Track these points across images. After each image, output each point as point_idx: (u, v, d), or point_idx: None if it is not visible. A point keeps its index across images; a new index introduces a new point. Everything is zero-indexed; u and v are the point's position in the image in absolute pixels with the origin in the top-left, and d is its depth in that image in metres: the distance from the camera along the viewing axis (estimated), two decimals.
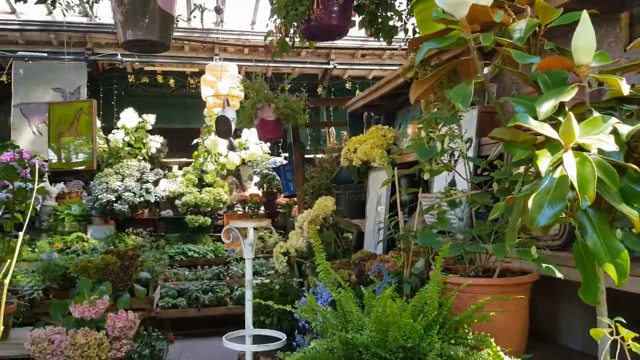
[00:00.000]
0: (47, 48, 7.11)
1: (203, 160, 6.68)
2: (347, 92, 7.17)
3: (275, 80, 4.83)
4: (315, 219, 2.85)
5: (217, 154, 6.59)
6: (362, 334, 1.40)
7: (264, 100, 3.46)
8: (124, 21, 2.15)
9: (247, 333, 2.02)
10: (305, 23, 2.14)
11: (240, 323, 4.71)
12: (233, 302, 5.09)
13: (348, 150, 2.98)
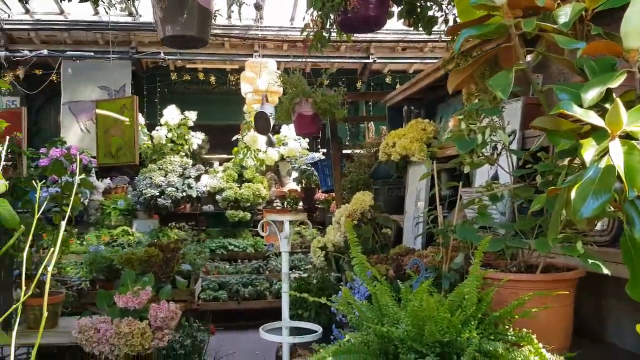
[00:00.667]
0: (93, 47, 7.38)
1: (243, 156, 6.77)
2: (387, 86, 7.09)
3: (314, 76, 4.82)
4: (352, 213, 2.83)
5: (256, 150, 6.67)
6: (397, 327, 1.38)
7: (301, 95, 3.47)
8: (163, 17, 2.20)
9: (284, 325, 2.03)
10: (341, 15, 2.12)
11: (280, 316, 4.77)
12: (272, 296, 5.15)
13: (387, 144, 2.94)
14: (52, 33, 7.18)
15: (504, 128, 1.80)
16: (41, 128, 8.00)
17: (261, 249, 5.93)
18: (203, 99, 8.22)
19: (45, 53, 7.25)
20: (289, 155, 6.48)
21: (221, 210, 6.43)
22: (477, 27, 1.24)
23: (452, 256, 1.91)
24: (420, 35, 6.43)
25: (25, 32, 7.22)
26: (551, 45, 1.28)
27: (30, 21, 7.17)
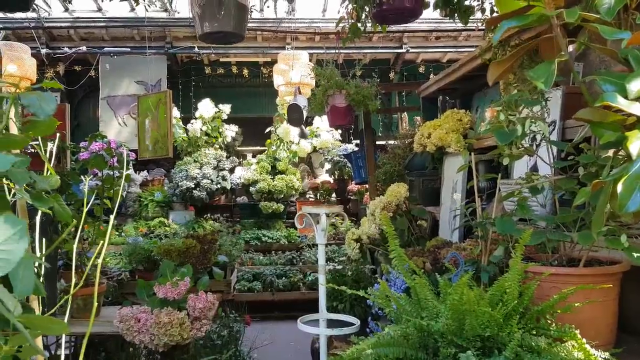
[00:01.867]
0: (130, 43, 7.54)
1: (276, 148, 6.82)
2: (421, 76, 7.00)
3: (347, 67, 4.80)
4: (387, 205, 2.82)
5: (289, 142, 6.70)
6: (437, 321, 1.38)
7: (335, 87, 3.46)
8: (201, 14, 2.22)
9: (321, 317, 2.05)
10: (376, 7, 2.10)
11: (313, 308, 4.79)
12: (306, 288, 5.18)
13: (422, 135, 2.91)
14: (90, 30, 7.37)
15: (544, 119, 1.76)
16: (80, 122, 8.25)
17: (294, 240, 5.98)
18: (236, 92, 8.30)
19: (84, 49, 7.46)
20: (321, 147, 6.49)
21: (255, 202, 6.50)
22: (518, 18, 1.21)
23: (491, 249, 1.88)
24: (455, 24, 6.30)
25: (65, 29, 7.43)
26: (593, 34, 1.24)
27: (69, 19, 7.38)
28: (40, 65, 6.82)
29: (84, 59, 7.65)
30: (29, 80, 6.26)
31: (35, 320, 0.63)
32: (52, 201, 0.96)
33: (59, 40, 7.60)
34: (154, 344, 2.62)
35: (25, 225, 0.45)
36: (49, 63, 7.42)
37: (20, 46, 6.38)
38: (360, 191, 5.84)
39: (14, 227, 0.45)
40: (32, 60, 6.44)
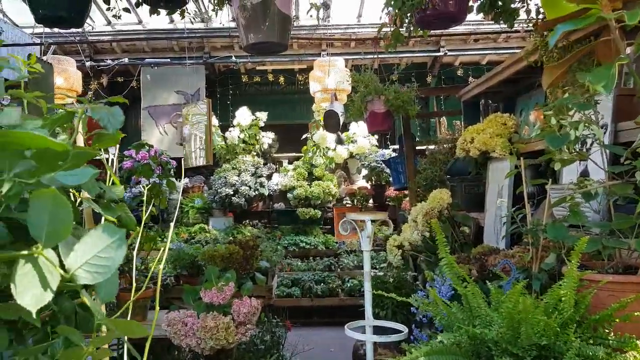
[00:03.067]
0: (170, 54, 7.74)
1: (312, 154, 6.85)
2: (459, 79, 6.90)
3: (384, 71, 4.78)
4: (430, 212, 2.79)
5: (326, 148, 6.72)
6: (490, 329, 1.36)
7: (373, 93, 3.46)
8: (246, 25, 2.27)
9: (368, 324, 2.04)
10: (420, 12, 2.10)
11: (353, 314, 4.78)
12: (345, 294, 5.17)
13: (464, 140, 2.88)
14: (132, 42, 7.61)
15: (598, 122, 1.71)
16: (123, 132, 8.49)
17: (332, 246, 5.98)
18: (272, 99, 8.40)
19: (126, 61, 7.71)
20: (358, 153, 6.48)
21: (292, 208, 6.54)
22: (574, 21, 1.18)
23: (542, 256, 1.84)
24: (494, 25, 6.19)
25: (108, 42, 7.70)
26: None
27: (112, 32, 7.64)
28: (85, 77, 7.08)
29: (125, 71, 7.90)
30: (75, 92, 6.50)
31: (118, 323, 0.65)
32: (119, 210, 0.99)
33: (102, 53, 7.87)
34: (200, 348, 2.67)
35: (123, 234, 0.48)
36: (93, 75, 7.70)
37: (66, 59, 6.64)
38: (398, 197, 5.80)
39: (113, 236, 0.48)
40: (78, 72, 6.70)
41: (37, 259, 0.46)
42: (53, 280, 0.48)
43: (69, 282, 0.48)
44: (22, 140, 0.43)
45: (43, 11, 2.18)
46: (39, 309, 0.50)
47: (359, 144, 6.45)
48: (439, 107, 7.03)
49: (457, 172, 3.34)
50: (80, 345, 0.81)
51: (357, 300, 4.85)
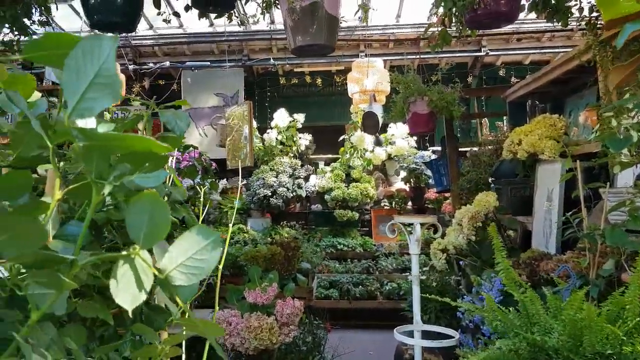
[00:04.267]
0: (210, 57, 7.87)
1: (349, 156, 6.83)
2: (501, 79, 6.75)
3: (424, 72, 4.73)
4: (476, 215, 2.74)
5: (363, 150, 6.69)
6: (550, 337, 1.32)
7: (416, 94, 3.42)
8: (294, 28, 2.28)
9: (416, 328, 2.01)
10: (471, 12, 2.06)
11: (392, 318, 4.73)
12: (383, 297, 5.13)
13: (512, 142, 2.81)
14: (173, 46, 7.77)
15: None
16: None
17: (370, 248, 5.93)
18: (309, 101, 8.43)
19: (167, 65, 7.88)
20: (396, 154, 6.42)
21: (329, 209, 6.54)
22: None
23: (599, 262, 1.77)
24: (537, 24, 6.04)
25: (150, 46, 7.89)
26: None
27: (154, 36, 7.82)
28: (128, 80, 7.28)
29: (167, 74, 8.08)
30: None
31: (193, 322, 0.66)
32: (184, 211, 1.01)
33: (145, 57, 8.07)
34: (244, 347, 2.69)
35: (218, 236, 0.48)
36: (136, 78, 7.90)
37: None
38: (438, 199, 5.71)
39: (208, 238, 0.48)
40: (122, 76, 6.89)
41: (134, 259, 0.47)
42: (147, 281, 0.48)
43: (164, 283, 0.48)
44: (128, 143, 0.44)
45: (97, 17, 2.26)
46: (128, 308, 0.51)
47: (398, 146, 6.38)
48: (480, 108, 6.89)
49: (502, 175, 3.26)
50: (155, 344, 0.83)
51: (397, 304, 4.80)
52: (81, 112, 0.45)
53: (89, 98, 0.45)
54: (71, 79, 0.45)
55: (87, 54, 0.46)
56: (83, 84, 0.45)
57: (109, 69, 0.46)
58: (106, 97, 0.46)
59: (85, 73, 0.45)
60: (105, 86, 0.46)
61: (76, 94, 0.45)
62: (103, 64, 0.46)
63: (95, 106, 0.45)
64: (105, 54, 0.46)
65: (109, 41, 0.46)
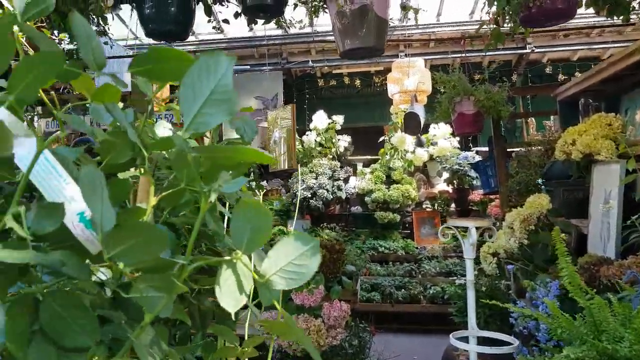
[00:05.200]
0: (250, 61, 7.97)
1: (390, 157, 6.77)
2: (547, 77, 6.55)
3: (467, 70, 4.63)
4: (528, 218, 2.66)
5: (404, 151, 6.62)
6: (621, 345, 1.26)
7: (462, 94, 3.36)
8: (343, 31, 2.27)
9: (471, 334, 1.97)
10: (525, 10, 2.00)
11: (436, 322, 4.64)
12: (427, 301, 5.05)
13: (565, 142, 2.72)
14: None
15: None
16: None
17: (412, 251, 5.86)
18: (348, 102, 8.42)
19: None
20: (438, 155, 6.32)
21: (369, 211, 6.49)
22: None
23: None
24: (586, 18, 5.82)
25: (192, 52, 8.04)
26: None
27: (195, 42, 7.98)
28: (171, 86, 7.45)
29: None
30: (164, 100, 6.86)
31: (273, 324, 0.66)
32: None
33: None
34: (292, 349, 2.71)
35: (317, 243, 0.48)
36: None
37: None
38: (483, 201, 5.58)
39: (307, 244, 0.48)
40: None
41: (236, 264, 0.48)
42: (247, 285, 0.49)
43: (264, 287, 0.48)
44: (239, 155, 0.45)
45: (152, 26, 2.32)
46: None
47: (440, 146, 6.28)
48: (525, 107, 6.71)
49: (554, 176, 3.16)
50: (235, 345, 0.84)
51: (441, 308, 4.72)
52: (197, 127, 0.46)
53: (205, 113, 0.46)
54: (188, 95, 0.46)
55: (203, 71, 0.47)
56: (199, 100, 0.46)
57: (226, 86, 0.47)
58: (222, 112, 0.47)
59: (202, 89, 0.46)
60: (221, 102, 0.47)
61: (192, 109, 0.46)
62: (220, 81, 0.47)
63: (211, 121, 0.46)
64: (222, 71, 0.47)
65: (226, 59, 0.48)
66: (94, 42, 0.46)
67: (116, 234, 0.39)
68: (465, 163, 5.78)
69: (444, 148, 6.20)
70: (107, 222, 0.39)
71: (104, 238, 0.39)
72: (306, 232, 6.37)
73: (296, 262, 0.47)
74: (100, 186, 0.39)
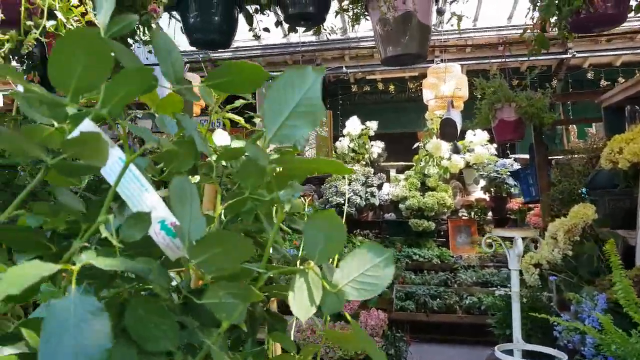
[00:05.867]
0: (284, 67, 8.05)
1: (424, 164, 6.70)
2: (589, 83, 6.36)
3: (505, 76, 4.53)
4: (572, 228, 2.58)
5: (440, 158, 6.54)
6: None
7: (503, 100, 3.30)
8: (385, 38, 2.27)
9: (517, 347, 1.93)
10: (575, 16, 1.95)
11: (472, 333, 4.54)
12: (463, 311, 4.95)
13: (611, 150, 2.63)
14: (249, 58, 8.01)
15: None
16: None
17: (447, 260, 5.76)
18: (381, 108, 8.39)
19: None
20: (475, 162, 6.21)
21: (403, 218, 6.43)
22: None
23: None
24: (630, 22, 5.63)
25: (228, 59, 8.18)
26: None
27: (231, 49, 8.10)
28: None
29: None
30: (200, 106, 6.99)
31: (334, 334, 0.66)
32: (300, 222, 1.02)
33: None
34: (329, 357, 2.70)
35: (391, 254, 0.48)
36: None
37: (193, 76, 7.18)
38: (522, 210, 5.45)
39: (380, 256, 0.48)
40: None
41: (308, 274, 0.48)
42: (318, 295, 0.49)
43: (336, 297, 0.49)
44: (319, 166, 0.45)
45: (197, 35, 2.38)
46: None
47: (477, 153, 6.18)
48: (566, 113, 6.52)
49: (599, 185, 3.06)
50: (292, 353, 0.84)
51: (477, 319, 4.63)
52: (280, 138, 0.47)
53: (289, 125, 0.47)
54: (272, 108, 0.47)
55: (288, 84, 0.48)
56: (285, 112, 0.47)
57: (311, 99, 0.48)
58: (307, 125, 0.47)
59: (287, 102, 0.47)
60: (306, 114, 0.48)
61: (277, 121, 0.47)
62: (306, 94, 0.48)
63: (295, 133, 0.47)
64: (308, 84, 0.48)
65: (313, 72, 0.48)
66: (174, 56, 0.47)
67: (202, 242, 0.40)
68: (504, 171, 5.67)
69: (481, 155, 6.09)
70: (196, 231, 0.40)
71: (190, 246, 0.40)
72: None
73: (369, 273, 0.47)
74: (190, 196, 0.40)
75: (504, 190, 5.72)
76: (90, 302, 0.33)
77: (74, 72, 0.37)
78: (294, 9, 2.43)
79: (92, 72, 0.36)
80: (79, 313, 0.32)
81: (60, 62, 0.36)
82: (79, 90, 0.38)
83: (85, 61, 0.36)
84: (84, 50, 0.35)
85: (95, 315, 0.32)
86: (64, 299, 0.33)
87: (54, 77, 0.37)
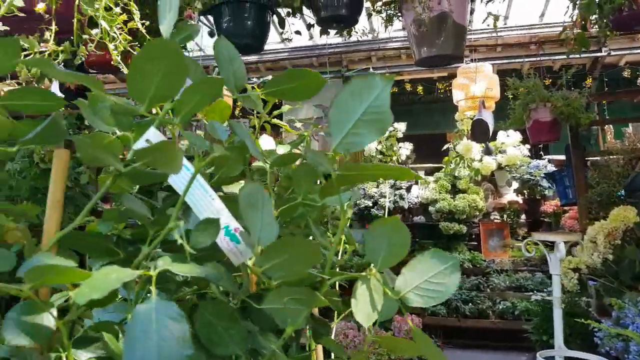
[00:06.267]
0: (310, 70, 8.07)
1: (455, 165, 6.60)
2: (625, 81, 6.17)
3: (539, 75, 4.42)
4: (613, 232, 2.51)
5: (470, 159, 6.43)
6: None
7: (538, 100, 3.23)
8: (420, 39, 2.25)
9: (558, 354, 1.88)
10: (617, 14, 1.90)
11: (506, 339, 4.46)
12: (496, 316, 4.86)
13: None
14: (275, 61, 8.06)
15: None
16: None
17: (479, 264, 5.64)
18: (409, 109, 8.32)
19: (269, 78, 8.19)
20: (507, 164, 6.09)
21: (433, 222, 6.34)
22: None
23: None
24: None
25: (254, 63, 8.25)
26: None
27: None
28: None
29: None
30: None
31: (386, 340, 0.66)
32: None
33: (249, 72, 8.46)
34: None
35: (457, 261, 0.47)
36: None
37: None
38: (556, 212, 5.32)
39: (445, 263, 0.47)
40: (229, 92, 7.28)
41: (370, 280, 0.48)
42: (379, 301, 0.49)
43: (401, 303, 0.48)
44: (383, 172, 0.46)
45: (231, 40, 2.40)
46: None
47: (509, 154, 6.06)
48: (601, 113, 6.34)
49: (638, 187, 2.98)
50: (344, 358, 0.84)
51: (511, 324, 4.54)
52: (346, 146, 0.47)
53: (355, 133, 0.47)
54: (339, 116, 0.47)
55: (355, 94, 0.48)
56: (351, 120, 0.47)
57: (378, 107, 0.48)
58: (374, 132, 0.48)
59: (354, 111, 0.48)
60: (373, 122, 0.48)
61: (343, 129, 0.47)
62: (373, 102, 0.48)
63: (361, 140, 0.47)
64: (375, 93, 0.48)
65: (380, 81, 0.49)
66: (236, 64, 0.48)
67: (272, 247, 0.40)
68: (538, 172, 5.54)
69: (513, 156, 5.97)
70: (267, 237, 0.41)
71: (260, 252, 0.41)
72: None
73: (433, 280, 0.47)
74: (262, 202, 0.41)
75: (538, 192, 5.59)
76: (171, 308, 0.33)
77: (152, 81, 0.37)
78: (326, 12, 2.44)
79: (170, 81, 0.37)
80: (160, 319, 0.33)
81: (140, 70, 0.37)
82: (155, 99, 0.38)
83: (164, 70, 0.36)
84: (164, 60, 0.36)
85: (175, 321, 0.33)
86: (145, 304, 0.33)
87: (132, 86, 0.38)
